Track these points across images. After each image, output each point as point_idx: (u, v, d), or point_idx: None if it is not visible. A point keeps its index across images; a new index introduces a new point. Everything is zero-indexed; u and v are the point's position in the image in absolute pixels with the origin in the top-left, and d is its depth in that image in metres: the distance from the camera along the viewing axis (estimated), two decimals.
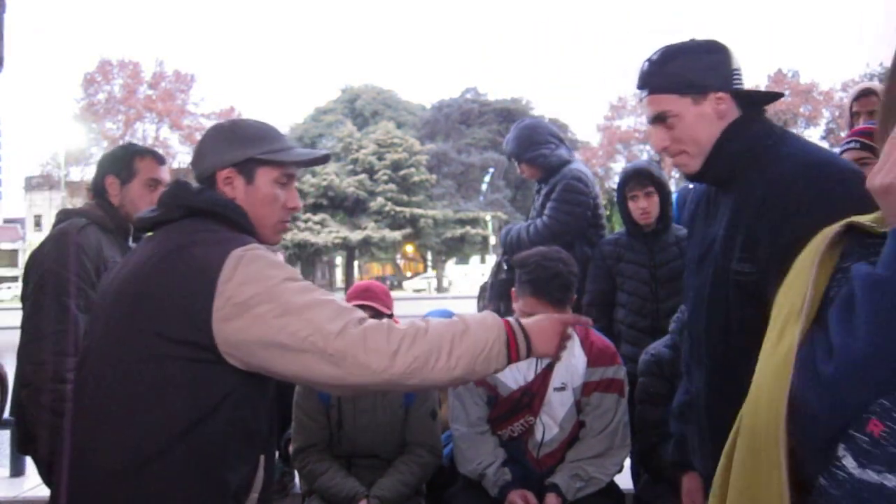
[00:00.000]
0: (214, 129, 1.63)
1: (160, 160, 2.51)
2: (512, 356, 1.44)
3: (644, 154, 39.84)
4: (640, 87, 1.66)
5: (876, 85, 3.48)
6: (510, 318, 1.48)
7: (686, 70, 1.59)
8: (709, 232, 1.66)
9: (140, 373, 1.37)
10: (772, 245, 1.47)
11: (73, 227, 2.29)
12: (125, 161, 2.46)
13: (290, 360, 1.34)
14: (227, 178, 1.55)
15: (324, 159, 1.68)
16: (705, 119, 1.59)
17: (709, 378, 1.63)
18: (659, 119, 1.62)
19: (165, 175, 2.51)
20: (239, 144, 1.56)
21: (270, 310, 1.32)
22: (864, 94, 3.29)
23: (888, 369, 0.79)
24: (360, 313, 1.39)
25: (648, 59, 1.65)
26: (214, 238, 1.43)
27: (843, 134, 3.77)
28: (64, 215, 2.43)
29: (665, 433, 2.56)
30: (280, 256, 1.65)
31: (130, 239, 2.45)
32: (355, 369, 1.32)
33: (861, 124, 3.16)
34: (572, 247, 3.20)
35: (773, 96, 1.68)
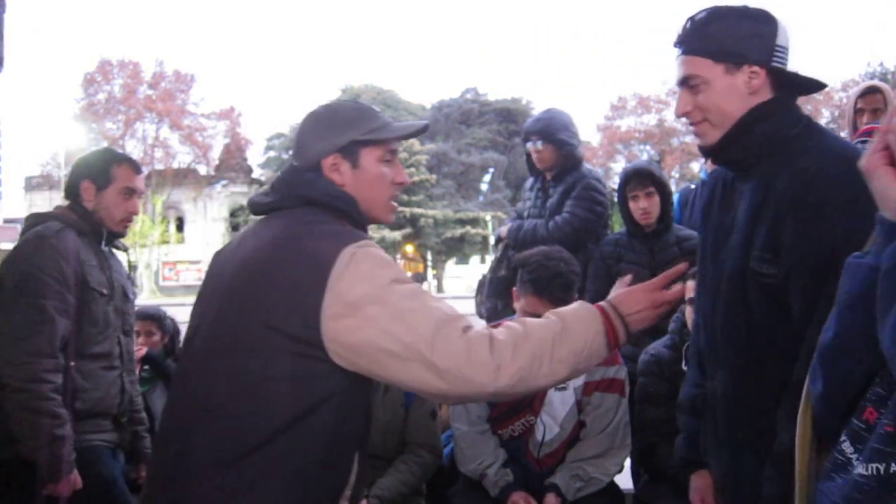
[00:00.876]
0: (311, 116, 1.61)
1: (137, 169, 2.51)
2: (612, 344, 1.42)
3: (644, 154, 39.85)
4: (677, 44, 1.55)
5: (881, 83, 3.48)
6: (604, 304, 1.45)
7: (726, 35, 1.48)
8: (725, 220, 1.58)
9: (247, 363, 1.36)
10: (796, 248, 1.39)
11: (50, 230, 2.29)
12: (102, 167, 2.44)
13: (395, 366, 1.32)
14: (334, 165, 1.53)
15: (423, 129, 1.66)
16: (735, 91, 1.49)
17: (727, 381, 1.57)
18: (686, 82, 1.53)
19: (141, 184, 2.51)
20: (339, 129, 1.54)
21: (379, 313, 1.31)
22: (869, 92, 3.29)
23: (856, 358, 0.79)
24: (466, 321, 1.36)
25: (691, 18, 1.54)
26: (328, 231, 1.42)
27: (843, 134, 3.77)
28: (34, 219, 2.40)
29: (665, 433, 2.55)
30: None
31: (103, 242, 2.44)
32: (459, 383, 1.31)
33: (865, 121, 3.17)
34: (586, 246, 3.21)
35: (815, 84, 1.56)
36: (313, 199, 1.50)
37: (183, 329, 3.50)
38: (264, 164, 41.15)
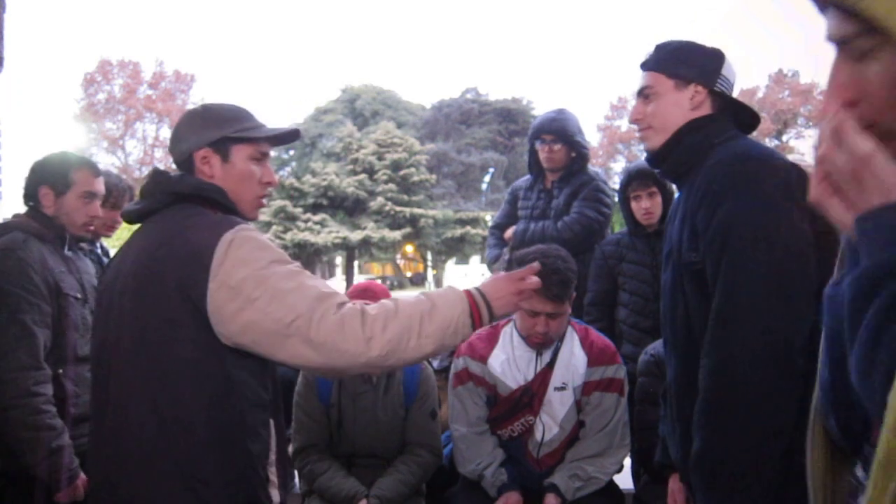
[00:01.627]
0: (188, 113, 1.69)
1: (96, 172, 2.48)
2: (476, 324, 1.53)
3: (644, 155, 39.84)
4: (642, 65, 1.81)
5: None
6: (471, 289, 1.57)
7: (680, 58, 1.76)
8: (672, 228, 1.77)
9: (156, 359, 1.45)
10: (706, 231, 1.58)
11: (15, 243, 2.26)
12: (60, 173, 2.41)
13: (275, 344, 1.41)
14: (204, 158, 1.61)
15: (293, 134, 1.74)
16: (679, 105, 1.74)
17: (677, 367, 1.72)
18: (642, 92, 1.79)
19: (101, 187, 2.49)
20: (213, 125, 1.63)
21: (259, 295, 1.40)
22: None
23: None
24: (340, 297, 1.47)
25: (658, 44, 1.81)
26: (205, 222, 1.50)
27: None
28: None
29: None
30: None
31: (66, 247, 2.42)
32: (334, 355, 1.40)
33: None
34: (593, 246, 3.21)
35: (745, 109, 1.80)
36: (183, 193, 1.58)
37: None
38: None
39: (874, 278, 0.67)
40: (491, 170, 39.30)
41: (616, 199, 3.37)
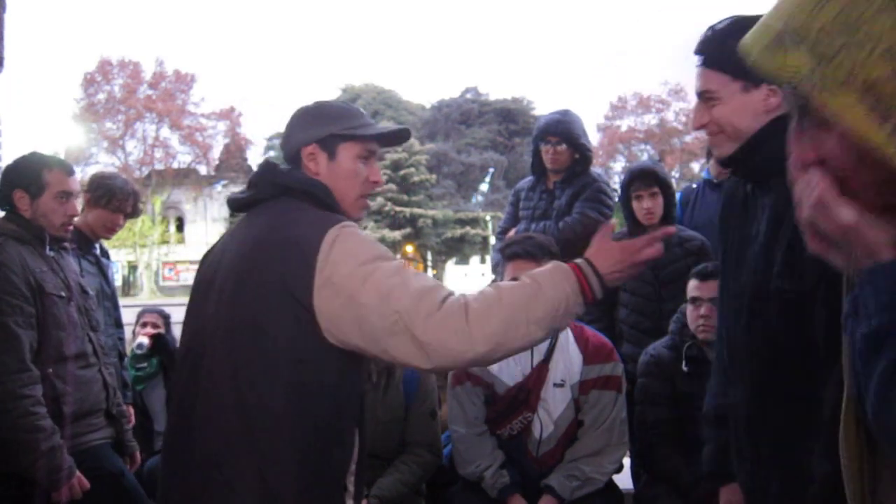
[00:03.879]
0: (300, 110, 1.68)
1: (69, 171, 2.47)
2: (588, 299, 1.43)
3: (644, 154, 39.84)
4: (696, 52, 1.52)
5: None
6: (580, 261, 1.46)
7: None
8: (746, 233, 1.55)
9: (248, 353, 1.42)
10: (816, 264, 1.36)
11: None
12: (33, 175, 2.40)
13: (382, 342, 1.37)
14: (311, 154, 1.60)
15: (402, 133, 1.71)
16: (750, 111, 1.47)
17: (752, 394, 1.53)
18: (702, 96, 1.51)
19: (76, 186, 2.48)
20: (322, 122, 1.62)
21: (364, 291, 1.37)
22: None
23: None
24: (444, 291, 1.41)
25: (712, 26, 1.50)
26: (309, 218, 1.48)
27: None
28: None
29: (665, 433, 2.55)
30: None
31: (47, 247, 2.41)
32: (441, 353, 1.35)
33: None
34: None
35: None
36: (289, 187, 1.56)
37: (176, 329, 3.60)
38: None
39: (880, 337, 0.70)
40: (491, 170, 39.28)
41: (617, 199, 3.37)
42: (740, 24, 1.44)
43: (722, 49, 1.45)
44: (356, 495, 1.59)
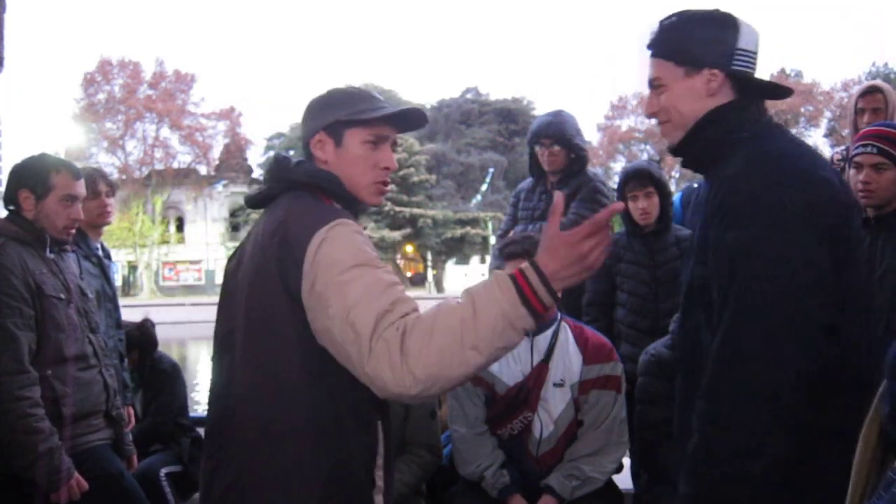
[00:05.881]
0: (312, 100, 1.67)
1: (76, 174, 2.46)
2: (538, 309, 1.27)
3: (644, 154, 39.84)
4: (647, 46, 1.60)
5: (881, 83, 3.46)
6: (523, 266, 1.30)
7: (687, 40, 1.53)
8: (695, 229, 1.64)
9: (263, 351, 1.44)
10: (716, 251, 1.43)
11: None
12: (40, 176, 2.39)
13: (345, 362, 1.35)
14: (319, 142, 1.59)
15: (414, 114, 1.65)
16: (693, 95, 1.53)
17: (680, 370, 1.63)
18: (651, 84, 1.59)
19: (81, 189, 2.47)
20: (329, 109, 1.59)
21: (332, 305, 1.34)
22: (870, 91, 3.28)
23: None
24: (400, 310, 1.32)
25: (661, 21, 1.59)
26: (308, 215, 1.46)
27: (845, 133, 3.76)
28: None
29: (665, 433, 2.55)
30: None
31: (48, 250, 2.41)
32: (382, 390, 1.31)
33: (866, 121, 3.15)
34: None
35: (776, 89, 1.59)
36: (296, 181, 1.56)
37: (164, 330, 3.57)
38: (264, 164, 41.05)
39: None
40: (491, 170, 39.27)
41: (613, 196, 3.38)
42: (683, 17, 1.55)
43: (667, 39, 1.57)
44: (386, 491, 1.56)
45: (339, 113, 1.57)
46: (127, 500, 2.42)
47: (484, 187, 39.07)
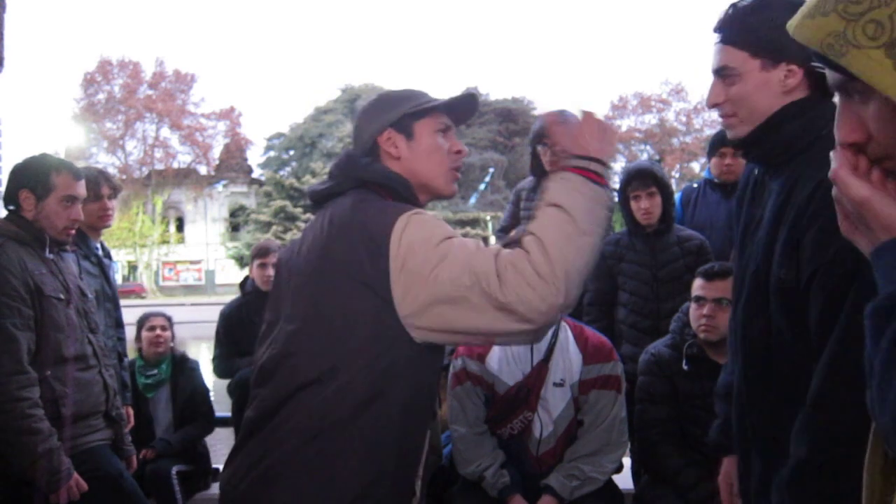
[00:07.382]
0: (364, 107, 1.66)
1: (77, 175, 2.45)
2: (602, 182, 1.39)
3: (644, 154, 39.86)
4: (716, 29, 1.48)
5: None
6: (565, 164, 1.41)
7: (768, 29, 1.39)
8: (754, 215, 1.53)
9: (326, 347, 1.40)
10: (815, 258, 1.31)
11: None
12: (41, 176, 2.38)
13: (467, 317, 1.32)
14: (389, 139, 1.57)
15: (471, 99, 1.66)
16: (769, 89, 1.42)
17: (743, 375, 1.53)
18: (720, 72, 1.46)
19: (82, 190, 2.46)
20: (391, 106, 1.58)
21: (440, 268, 1.33)
22: None
23: None
24: (505, 251, 1.36)
25: (734, 3, 1.46)
26: (378, 208, 1.45)
27: None
28: None
29: (665, 432, 2.55)
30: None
31: (47, 250, 2.40)
32: (524, 312, 1.30)
33: None
34: None
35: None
36: (367, 179, 1.53)
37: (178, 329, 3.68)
38: (264, 164, 41.07)
39: (886, 310, 0.70)
40: (491, 170, 39.26)
41: (616, 199, 3.37)
42: (765, 2, 1.42)
43: (742, 25, 1.44)
44: (421, 498, 1.55)
45: (404, 107, 1.57)
46: (126, 501, 2.42)
47: (482, 186, 39.04)
